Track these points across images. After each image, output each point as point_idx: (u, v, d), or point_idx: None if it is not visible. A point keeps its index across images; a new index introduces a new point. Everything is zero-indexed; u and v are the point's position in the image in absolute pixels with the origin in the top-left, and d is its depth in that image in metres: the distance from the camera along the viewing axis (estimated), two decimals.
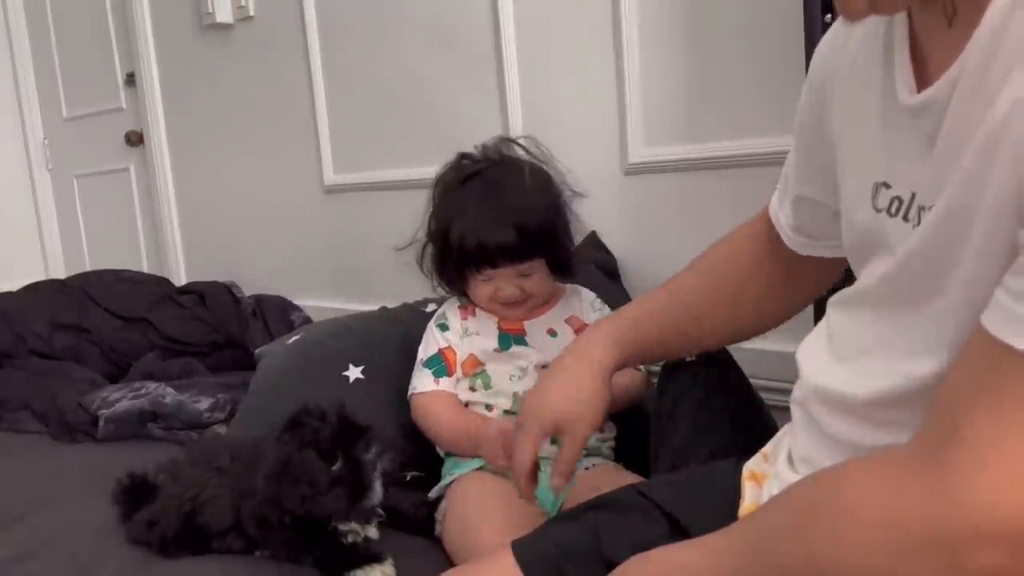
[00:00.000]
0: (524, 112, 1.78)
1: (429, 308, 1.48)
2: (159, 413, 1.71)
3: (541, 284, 1.22)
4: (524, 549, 0.80)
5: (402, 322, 1.49)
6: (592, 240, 1.61)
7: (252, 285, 2.38)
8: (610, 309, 1.30)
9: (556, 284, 1.28)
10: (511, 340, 1.22)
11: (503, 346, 1.22)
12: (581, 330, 1.25)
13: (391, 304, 1.60)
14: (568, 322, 1.26)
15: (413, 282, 1.31)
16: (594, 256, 1.60)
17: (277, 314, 2.25)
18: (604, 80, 1.63)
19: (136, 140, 2.85)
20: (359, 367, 1.39)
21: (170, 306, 2.22)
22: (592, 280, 1.43)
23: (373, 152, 2.13)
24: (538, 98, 1.76)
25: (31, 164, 3.28)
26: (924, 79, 0.57)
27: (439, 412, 1.20)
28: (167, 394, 1.74)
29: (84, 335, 2.15)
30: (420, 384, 1.23)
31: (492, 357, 1.22)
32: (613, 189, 1.65)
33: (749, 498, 0.76)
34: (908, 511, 0.49)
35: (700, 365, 0.97)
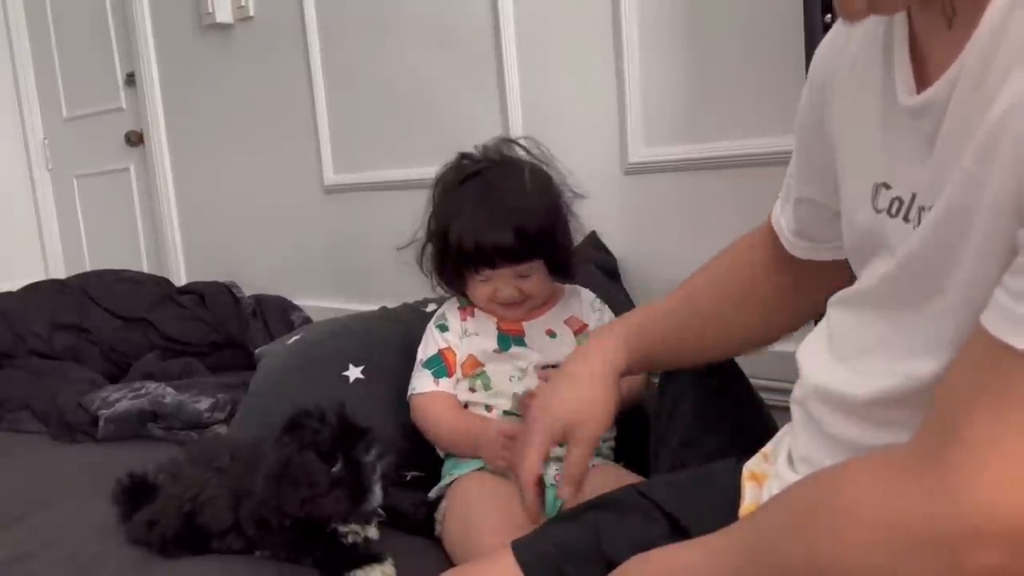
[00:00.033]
0: (524, 112, 1.78)
1: (429, 308, 1.48)
2: (159, 413, 1.71)
3: (540, 285, 1.21)
4: (524, 549, 0.80)
5: (402, 322, 1.49)
6: (592, 240, 1.60)
7: (252, 285, 2.38)
8: (610, 309, 1.30)
9: (555, 285, 1.27)
10: (510, 341, 1.22)
11: (502, 347, 1.22)
12: (580, 331, 1.25)
13: (391, 304, 1.60)
14: (567, 323, 1.26)
15: (413, 282, 1.31)
16: (594, 256, 1.60)
17: (277, 314, 2.25)
18: (604, 80, 1.63)
19: (136, 140, 2.85)
20: (359, 367, 1.39)
21: (170, 306, 2.22)
22: (592, 280, 1.43)
23: (373, 152, 2.13)
24: (538, 98, 1.76)
25: (31, 164, 3.28)
26: (924, 79, 0.57)
27: (439, 413, 1.20)
28: (167, 394, 1.74)
29: (84, 335, 2.15)
30: (420, 385, 1.23)
31: (492, 358, 1.21)
32: (613, 189, 1.65)
33: (749, 498, 0.76)
34: (908, 511, 0.49)
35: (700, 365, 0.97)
